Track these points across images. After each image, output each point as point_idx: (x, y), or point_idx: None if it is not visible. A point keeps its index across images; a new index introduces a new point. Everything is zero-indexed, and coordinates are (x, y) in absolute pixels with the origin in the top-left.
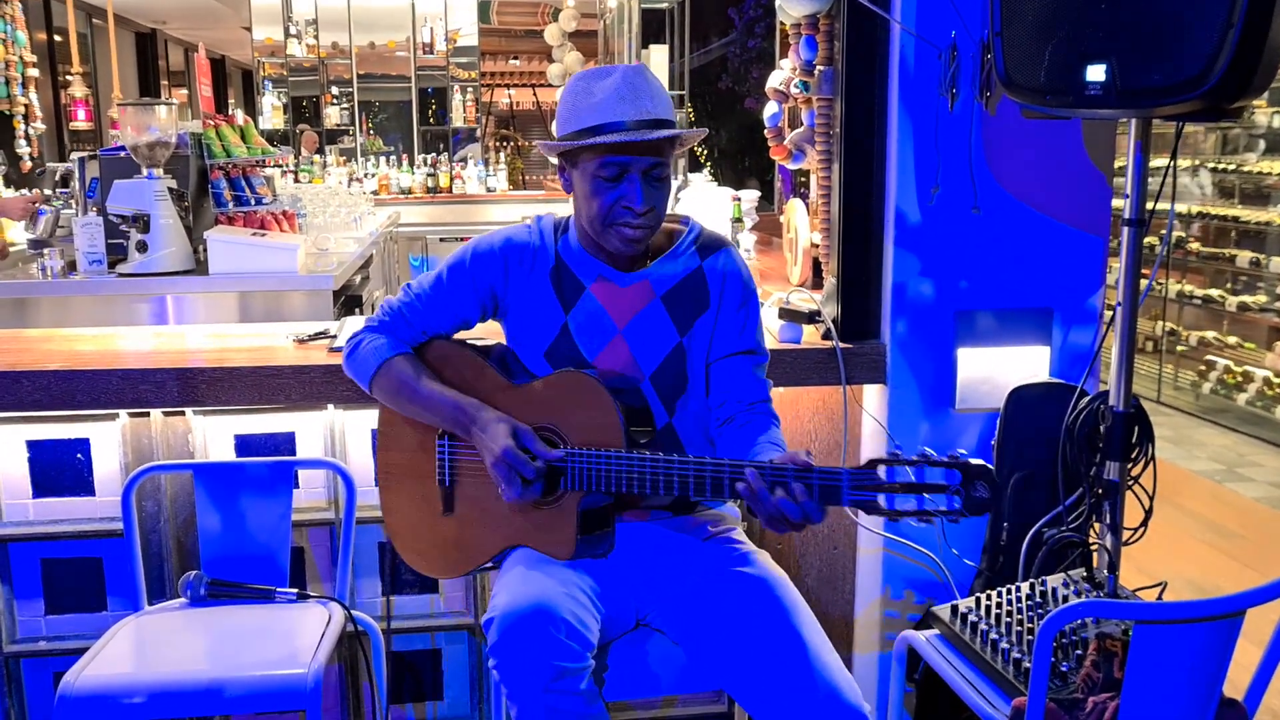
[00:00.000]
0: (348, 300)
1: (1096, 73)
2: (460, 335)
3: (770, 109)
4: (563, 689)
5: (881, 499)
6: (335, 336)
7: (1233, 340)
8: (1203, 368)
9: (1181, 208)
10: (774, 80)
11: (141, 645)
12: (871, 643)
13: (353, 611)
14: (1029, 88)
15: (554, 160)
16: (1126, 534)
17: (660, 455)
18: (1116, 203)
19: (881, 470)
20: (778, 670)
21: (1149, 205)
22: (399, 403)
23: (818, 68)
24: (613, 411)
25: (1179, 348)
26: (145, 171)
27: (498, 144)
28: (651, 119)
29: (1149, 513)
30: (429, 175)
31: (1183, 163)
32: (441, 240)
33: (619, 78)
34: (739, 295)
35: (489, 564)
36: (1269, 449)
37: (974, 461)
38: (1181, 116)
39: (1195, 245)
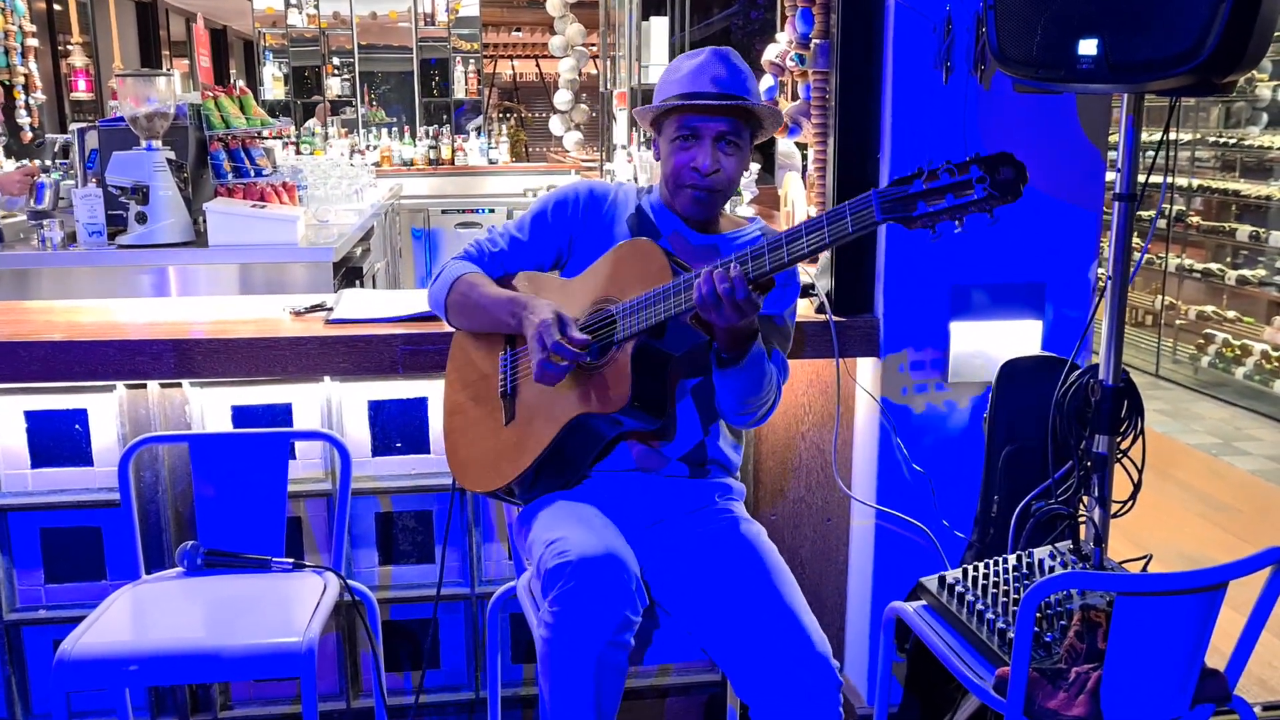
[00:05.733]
0: (348, 272)
1: (1088, 47)
2: None
3: (766, 82)
4: (622, 641)
5: (914, 208)
6: (332, 309)
7: (1232, 314)
8: (1201, 341)
9: (1182, 181)
10: (770, 54)
11: (139, 613)
12: (863, 614)
13: (348, 581)
14: (1021, 61)
15: (566, 126)
16: (1115, 507)
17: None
18: (1110, 176)
19: (910, 185)
20: (750, 615)
21: (1141, 179)
22: (466, 307)
23: (813, 41)
24: (660, 255)
25: (1178, 321)
26: (144, 143)
27: (501, 115)
28: (728, 94)
29: (1138, 486)
30: (431, 147)
31: (1184, 136)
32: (444, 212)
33: (703, 59)
34: (785, 274)
35: (513, 495)
36: (1267, 423)
37: (992, 153)
38: (1173, 91)
39: (1195, 219)
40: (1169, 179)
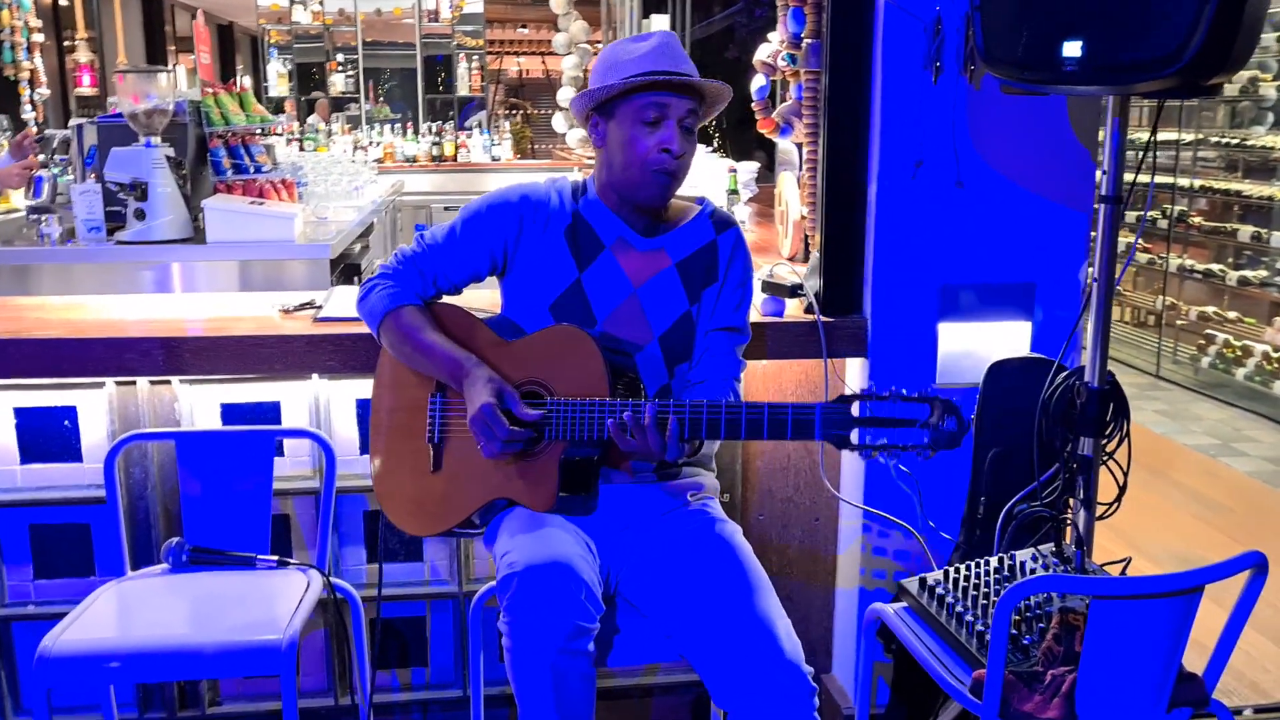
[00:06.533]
0: (346, 269)
1: (1073, 48)
2: (462, 303)
3: (758, 81)
4: (576, 649)
5: (854, 434)
6: (321, 307)
7: (1233, 315)
8: (1202, 342)
9: (1185, 182)
10: (762, 53)
11: (122, 610)
12: (851, 614)
13: (333, 579)
14: (1008, 62)
15: (570, 123)
16: (1101, 509)
17: (630, 400)
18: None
19: (855, 407)
20: (723, 623)
21: (1129, 179)
22: (402, 351)
23: (805, 40)
24: (598, 359)
25: (1179, 322)
26: (143, 139)
27: (507, 112)
28: (687, 75)
29: (1123, 489)
30: (434, 144)
31: (1187, 136)
32: (446, 209)
33: (658, 39)
34: (740, 273)
35: (474, 526)
36: (1266, 424)
37: (942, 398)
38: (1158, 93)
39: (1198, 219)
40: (1162, 178)
